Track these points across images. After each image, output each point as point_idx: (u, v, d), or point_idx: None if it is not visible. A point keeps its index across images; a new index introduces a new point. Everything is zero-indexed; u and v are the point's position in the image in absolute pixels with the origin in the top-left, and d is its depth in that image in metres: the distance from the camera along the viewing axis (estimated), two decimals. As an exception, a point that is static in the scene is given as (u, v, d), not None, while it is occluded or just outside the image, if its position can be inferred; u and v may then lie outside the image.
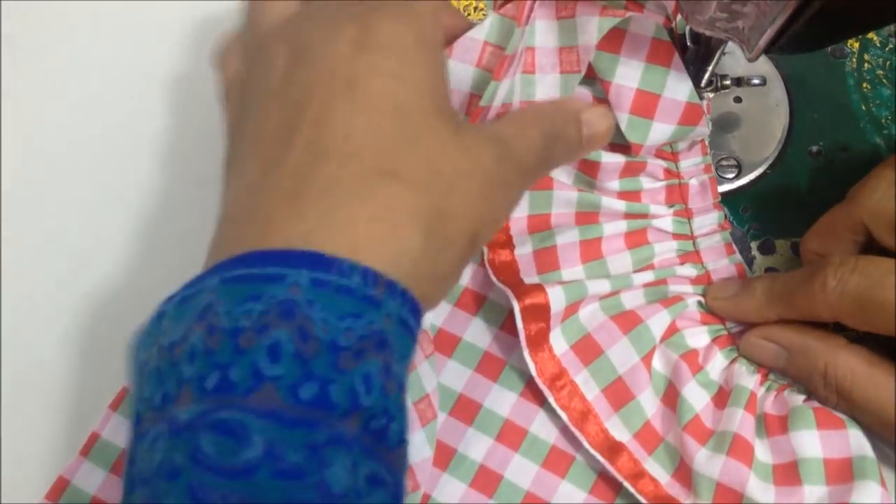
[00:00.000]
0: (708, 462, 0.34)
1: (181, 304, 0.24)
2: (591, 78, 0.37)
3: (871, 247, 0.35)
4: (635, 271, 0.38)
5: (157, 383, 0.23)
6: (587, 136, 0.32)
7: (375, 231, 0.25)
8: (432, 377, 0.37)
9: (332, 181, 0.26)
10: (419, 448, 0.35)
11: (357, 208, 0.25)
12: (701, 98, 0.37)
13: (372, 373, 0.23)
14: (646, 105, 0.36)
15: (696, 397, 0.36)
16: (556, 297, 0.36)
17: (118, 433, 0.37)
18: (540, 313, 0.35)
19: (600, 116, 0.32)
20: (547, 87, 0.36)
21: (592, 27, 0.34)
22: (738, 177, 0.41)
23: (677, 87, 0.36)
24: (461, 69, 0.34)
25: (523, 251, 0.38)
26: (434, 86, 0.28)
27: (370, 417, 0.23)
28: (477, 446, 0.37)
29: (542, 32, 0.35)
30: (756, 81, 0.41)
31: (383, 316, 0.24)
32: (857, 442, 0.34)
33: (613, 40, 0.36)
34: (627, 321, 0.37)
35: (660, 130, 0.37)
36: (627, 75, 0.36)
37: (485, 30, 0.34)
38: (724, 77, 0.41)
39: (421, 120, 0.27)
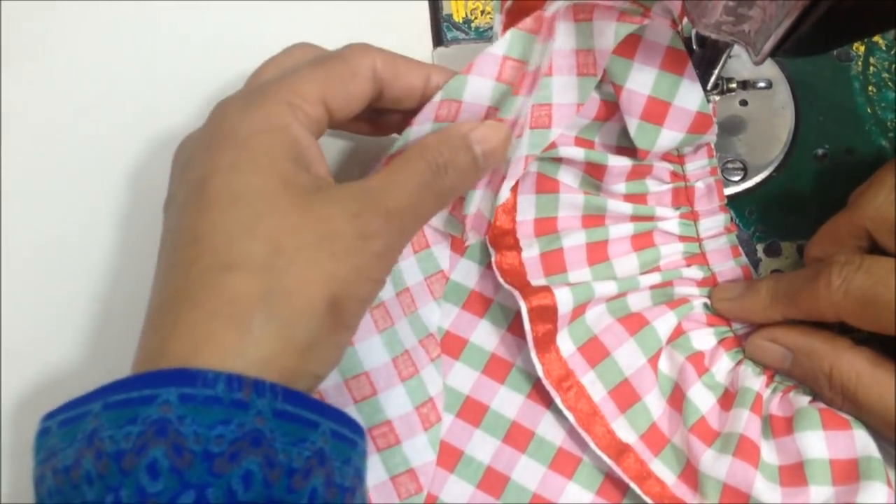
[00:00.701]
0: (714, 463, 0.34)
1: (66, 426, 0.26)
2: (601, 81, 0.37)
3: (873, 252, 0.35)
4: (642, 273, 0.38)
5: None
6: (482, 153, 0.33)
7: (215, 328, 0.26)
8: (437, 380, 0.37)
9: (179, 289, 0.27)
10: (421, 451, 0.35)
11: (197, 310, 0.27)
12: (707, 101, 0.37)
13: (252, 469, 0.25)
14: (656, 112, 0.36)
15: (702, 399, 0.36)
16: (564, 299, 0.36)
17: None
18: (547, 315, 0.36)
19: (491, 130, 0.33)
20: (563, 87, 0.36)
21: (610, 33, 0.34)
22: (743, 179, 0.41)
23: (688, 97, 0.36)
24: (480, 83, 0.34)
25: (530, 254, 0.38)
26: (274, 166, 0.29)
27: None
28: (484, 448, 0.37)
29: (561, 35, 0.35)
30: (762, 85, 0.42)
31: (253, 415, 0.25)
32: (862, 443, 0.34)
33: (628, 46, 0.36)
34: (634, 323, 0.37)
35: (668, 137, 0.37)
36: (640, 81, 0.36)
37: (504, 45, 0.34)
38: (729, 80, 0.41)
39: (261, 203, 0.28)
